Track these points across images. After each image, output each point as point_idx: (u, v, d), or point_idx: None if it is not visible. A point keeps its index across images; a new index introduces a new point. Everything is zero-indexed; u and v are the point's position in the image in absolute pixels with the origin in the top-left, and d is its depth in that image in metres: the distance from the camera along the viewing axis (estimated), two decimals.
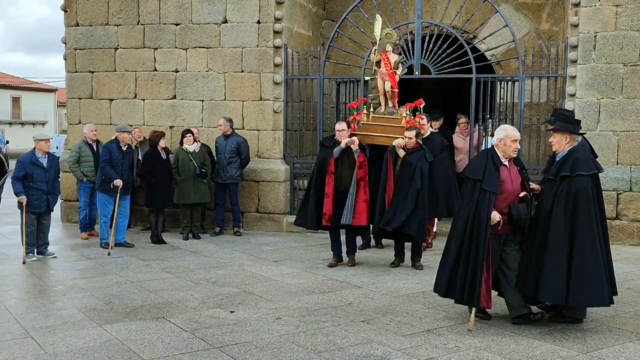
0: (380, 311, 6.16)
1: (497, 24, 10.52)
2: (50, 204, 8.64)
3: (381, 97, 8.53)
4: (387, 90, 8.39)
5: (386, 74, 8.31)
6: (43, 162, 8.49)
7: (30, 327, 5.65)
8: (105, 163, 9.15)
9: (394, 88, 8.33)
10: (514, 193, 5.65)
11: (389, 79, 8.32)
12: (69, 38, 11.64)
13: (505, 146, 5.64)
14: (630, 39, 9.44)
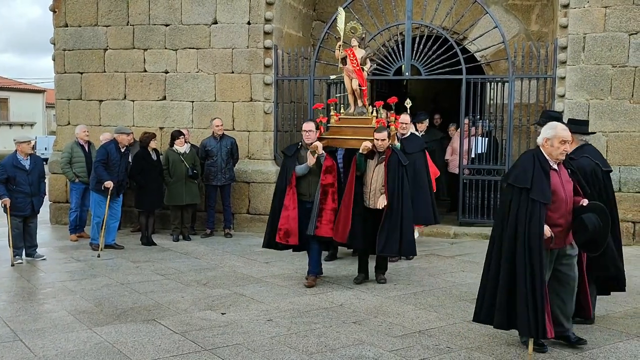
0: (372, 312, 6.16)
1: (487, 25, 10.56)
2: (35, 207, 8.52)
3: (349, 96, 7.85)
4: (355, 88, 7.68)
5: (353, 71, 7.59)
6: (25, 165, 8.38)
7: (19, 330, 5.61)
8: (100, 163, 9.08)
9: (362, 86, 7.65)
10: (567, 201, 4.92)
11: (356, 76, 7.60)
12: (58, 39, 11.57)
13: (552, 147, 4.89)
14: (619, 40, 9.49)
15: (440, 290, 7.04)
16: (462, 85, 10.25)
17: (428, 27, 10.45)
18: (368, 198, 7.13)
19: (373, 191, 7.09)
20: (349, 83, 7.70)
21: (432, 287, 7.15)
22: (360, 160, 7.11)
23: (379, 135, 7.04)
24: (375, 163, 7.15)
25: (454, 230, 10.34)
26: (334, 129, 7.66)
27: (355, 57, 7.55)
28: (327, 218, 7.05)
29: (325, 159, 7.20)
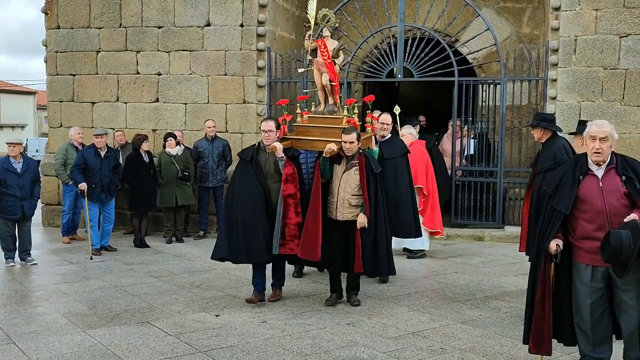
0: (365, 314, 6.18)
1: (479, 27, 10.62)
2: (26, 211, 8.35)
3: (319, 92, 6.96)
4: (325, 84, 6.83)
5: (323, 65, 6.75)
6: (17, 168, 8.25)
7: (12, 333, 5.59)
8: (75, 168, 9.06)
9: (333, 81, 6.79)
10: (606, 212, 4.14)
11: (326, 70, 6.76)
12: (50, 41, 11.54)
13: (587, 147, 4.26)
14: (609, 43, 9.56)
15: (433, 291, 7.07)
16: (454, 87, 10.30)
17: (420, 29, 10.50)
18: (334, 209, 6.29)
19: (340, 201, 6.26)
20: (319, 78, 6.87)
21: (425, 289, 7.18)
22: (325, 166, 6.31)
23: (346, 137, 6.21)
24: (342, 169, 6.30)
25: (447, 231, 10.33)
26: (300, 128, 6.85)
27: (326, 49, 6.73)
28: (291, 234, 6.24)
29: (285, 165, 6.31)
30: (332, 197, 6.34)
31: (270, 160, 6.40)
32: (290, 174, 6.31)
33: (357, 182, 6.24)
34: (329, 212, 6.32)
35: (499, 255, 9.01)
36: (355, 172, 6.25)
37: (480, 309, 6.36)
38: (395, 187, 7.14)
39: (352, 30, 11.00)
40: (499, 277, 7.72)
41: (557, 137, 6.62)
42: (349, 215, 6.26)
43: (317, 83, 6.90)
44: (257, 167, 6.40)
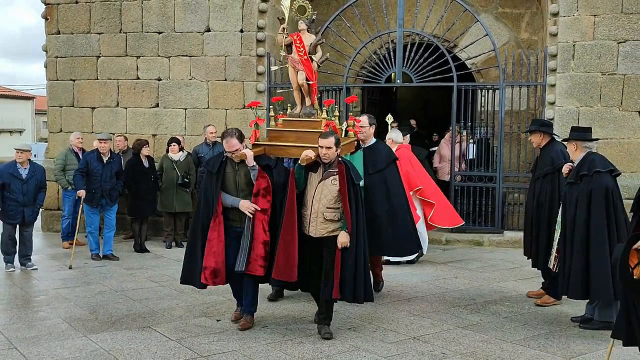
0: (366, 319, 6.19)
1: (477, 33, 10.67)
2: (26, 217, 8.34)
3: (295, 93, 6.30)
4: (302, 83, 6.15)
5: (299, 62, 6.10)
6: (22, 174, 8.29)
7: (14, 338, 5.60)
8: (77, 172, 9.03)
9: (310, 80, 6.12)
10: None
11: (302, 67, 6.09)
12: (50, 46, 11.57)
13: None
14: (607, 48, 9.61)
15: (434, 296, 7.09)
16: (453, 92, 10.34)
17: (419, 35, 10.55)
18: (307, 223, 5.57)
19: (314, 214, 5.53)
20: (294, 76, 6.20)
21: (425, 294, 7.20)
22: (300, 174, 5.59)
23: (323, 141, 5.50)
24: (318, 178, 5.56)
25: (446, 236, 10.39)
26: (274, 133, 6.19)
27: (302, 44, 6.06)
28: (258, 252, 5.59)
29: (258, 177, 5.64)
30: (305, 209, 5.60)
31: (241, 171, 5.71)
32: (264, 188, 5.63)
33: (333, 194, 5.50)
34: (302, 227, 5.60)
35: (498, 260, 9.04)
36: (332, 182, 5.51)
37: (481, 313, 6.38)
38: (388, 201, 6.51)
39: (351, 36, 11.05)
40: (498, 282, 7.74)
41: (555, 142, 6.70)
42: (323, 231, 5.52)
43: (293, 82, 6.27)
44: (226, 179, 5.73)
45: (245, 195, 5.67)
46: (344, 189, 5.48)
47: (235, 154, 5.62)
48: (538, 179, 6.66)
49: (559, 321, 6.10)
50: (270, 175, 5.72)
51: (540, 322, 6.09)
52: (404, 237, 6.62)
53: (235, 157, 5.63)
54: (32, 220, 8.54)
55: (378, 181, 6.57)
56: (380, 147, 6.89)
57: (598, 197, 5.60)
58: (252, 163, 5.65)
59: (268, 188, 5.65)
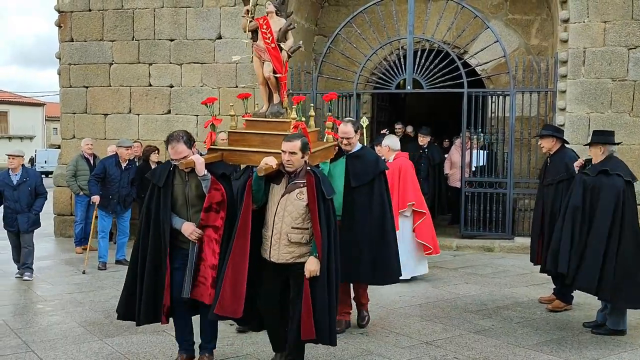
0: (378, 324, 6.22)
1: (488, 39, 10.71)
2: (20, 224, 8.13)
3: (261, 88, 5.33)
4: (268, 76, 5.18)
5: (265, 50, 5.14)
6: (12, 180, 8.14)
7: (31, 342, 5.67)
8: (93, 177, 9.02)
9: (278, 72, 5.16)
10: None
11: (269, 57, 5.14)
12: (64, 53, 11.70)
13: None
14: (618, 55, 9.63)
15: (445, 301, 7.11)
16: (464, 98, 10.38)
17: (429, 41, 10.59)
18: (268, 246, 4.62)
19: (276, 235, 4.57)
20: (259, 68, 5.25)
21: (436, 299, 7.22)
22: (259, 186, 4.60)
23: (287, 145, 4.53)
24: (281, 191, 4.62)
25: (456, 242, 10.42)
26: (234, 136, 5.24)
27: (269, 30, 5.10)
28: (204, 276, 4.74)
29: (210, 188, 4.70)
30: (266, 229, 4.64)
31: (192, 182, 4.77)
32: (217, 202, 4.71)
33: (300, 210, 4.55)
34: (262, 250, 4.67)
35: (509, 266, 9.05)
36: (298, 197, 4.56)
37: (493, 319, 6.40)
38: (371, 221, 5.59)
39: (362, 42, 11.11)
40: (510, 288, 7.75)
41: (567, 149, 6.69)
42: (287, 256, 4.57)
43: (258, 75, 5.29)
44: (174, 193, 4.81)
45: (196, 212, 4.74)
46: (313, 205, 4.50)
47: (182, 162, 4.68)
48: (550, 185, 6.63)
49: (571, 326, 6.11)
50: (227, 187, 4.78)
51: (552, 327, 6.11)
52: (385, 264, 5.67)
53: (181, 165, 4.68)
54: (26, 228, 8.23)
55: (361, 197, 5.59)
56: (367, 155, 5.80)
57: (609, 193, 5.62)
58: (204, 172, 4.69)
59: (222, 202, 4.70)
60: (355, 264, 5.54)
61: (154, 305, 4.77)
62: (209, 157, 4.93)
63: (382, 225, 5.66)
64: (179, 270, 4.77)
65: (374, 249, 5.60)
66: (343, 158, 5.69)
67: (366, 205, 5.62)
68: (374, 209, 5.63)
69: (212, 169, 4.78)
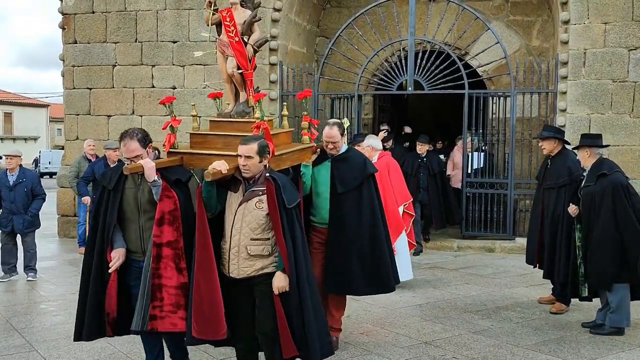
0: (378, 323, 6.28)
1: (489, 40, 10.76)
2: (15, 226, 8.10)
3: (227, 86, 4.98)
4: (232, 73, 4.81)
5: (229, 45, 4.78)
6: (9, 181, 8.14)
7: (34, 341, 5.74)
8: (82, 180, 9.17)
9: (243, 68, 4.76)
10: None
11: (233, 52, 4.76)
12: (67, 55, 11.78)
13: None
14: (618, 56, 9.66)
15: (445, 302, 7.16)
16: (465, 100, 10.42)
17: (430, 42, 10.64)
18: (226, 260, 4.23)
19: (234, 248, 4.19)
20: (223, 63, 4.87)
21: (436, 299, 7.26)
22: (210, 194, 4.20)
23: (242, 149, 4.17)
24: (238, 200, 4.23)
25: (458, 243, 10.46)
26: (197, 138, 4.81)
27: (233, 22, 4.71)
28: (172, 301, 4.22)
29: (162, 196, 4.24)
30: (224, 241, 4.25)
31: (145, 187, 4.35)
32: (169, 211, 4.24)
33: (259, 220, 4.16)
34: (220, 264, 4.26)
35: (509, 267, 9.08)
36: (257, 206, 4.17)
37: (492, 319, 6.44)
38: (361, 229, 5.19)
39: (363, 44, 11.16)
40: (510, 288, 7.79)
41: (568, 151, 6.70)
42: (247, 270, 4.18)
43: (222, 72, 4.91)
44: (125, 198, 4.38)
45: (149, 219, 4.30)
46: (274, 215, 4.11)
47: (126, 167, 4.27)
48: (552, 189, 6.61)
49: (570, 327, 6.16)
50: (181, 194, 4.34)
51: (551, 327, 6.15)
52: (379, 273, 5.25)
53: (125, 169, 4.26)
54: (22, 229, 8.20)
55: (350, 203, 5.18)
56: (354, 158, 5.39)
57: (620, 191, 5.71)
58: (153, 177, 4.24)
59: (175, 212, 4.25)
60: (347, 274, 5.16)
61: (99, 317, 4.32)
62: (164, 161, 4.51)
63: (374, 232, 5.23)
64: (135, 288, 4.33)
65: (367, 258, 5.19)
66: (328, 162, 5.25)
67: (355, 212, 5.18)
68: (364, 215, 5.20)
69: (166, 174, 4.36)
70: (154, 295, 4.20)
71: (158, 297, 4.21)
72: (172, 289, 4.23)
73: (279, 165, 4.61)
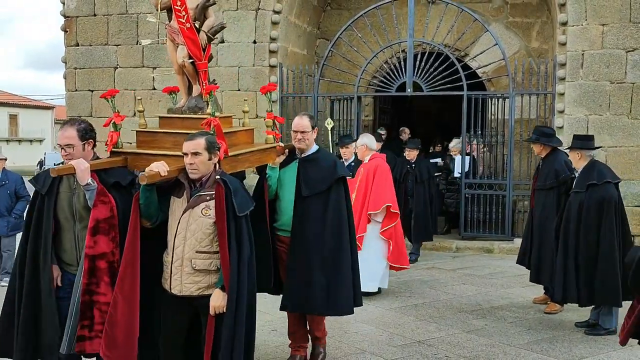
0: (373, 323, 6.33)
1: (488, 42, 10.80)
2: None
3: (178, 78, 4.52)
4: (183, 63, 4.35)
5: (179, 32, 4.28)
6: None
7: None
8: None
9: (196, 59, 4.32)
10: None
11: (183, 40, 4.29)
12: (69, 57, 11.88)
13: None
14: (616, 57, 9.69)
15: (441, 302, 7.21)
16: (464, 101, 10.47)
17: (430, 44, 10.69)
18: (169, 275, 3.79)
19: (177, 262, 3.75)
20: (173, 52, 4.41)
21: (432, 299, 7.31)
22: (146, 200, 3.75)
23: (188, 145, 3.74)
24: (182, 206, 3.79)
25: (456, 244, 10.50)
26: (143, 137, 4.34)
27: (184, 7, 4.20)
28: (102, 320, 3.77)
29: (96, 201, 3.77)
30: (166, 253, 3.83)
31: (80, 191, 3.88)
32: (105, 219, 3.77)
33: (206, 230, 3.72)
34: (162, 279, 3.85)
35: (507, 267, 9.11)
36: (204, 213, 3.72)
37: (486, 318, 6.49)
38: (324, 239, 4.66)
39: (363, 46, 11.22)
40: (506, 289, 7.84)
41: (558, 152, 6.74)
42: (192, 288, 3.74)
43: (172, 62, 4.44)
44: (59, 203, 3.92)
45: (85, 227, 3.83)
46: (221, 224, 3.65)
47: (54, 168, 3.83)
48: (541, 190, 6.69)
49: (563, 326, 6.20)
50: (120, 199, 3.85)
51: (544, 327, 6.20)
52: (341, 291, 4.72)
53: (52, 171, 3.79)
54: (7, 232, 8.15)
55: (314, 209, 4.67)
56: (323, 159, 4.88)
57: (609, 207, 5.72)
58: (87, 180, 3.76)
59: (112, 219, 3.79)
60: (306, 290, 4.63)
61: (35, 337, 3.86)
62: (102, 161, 4.04)
63: (338, 243, 4.69)
64: (65, 301, 3.87)
65: (328, 272, 4.65)
66: (295, 162, 4.81)
67: (319, 219, 4.65)
68: (328, 223, 4.66)
69: (105, 176, 3.89)
70: (84, 314, 3.76)
71: (88, 315, 3.76)
72: (104, 306, 3.75)
73: (234, 167, 4.20)
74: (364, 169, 7.11)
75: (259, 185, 4.75)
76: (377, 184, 6.97)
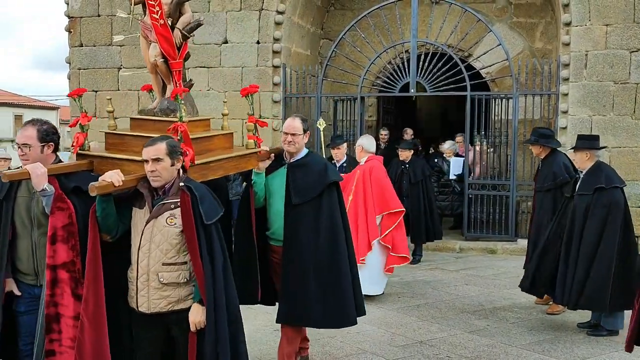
0: (375, 323, 6.33)
1: (492, 42, 10.78)
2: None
3: (152, 77, 4.27)
4: (155, 61, 4.08)
5: (152, 28, 4.00)
6: None
7: None
8: None
9: (169, 57, 4.04)
10: None
11: (156, 38, 4.01)
12: (73, 58, 11.92)
13: None
14: (620, 58, 9.66)
15: (443, 302, 7.20)
16: (467, 101, 10.46)
17: (433, 44, 10.69)
18: (135, 292, 3.51)
19: (143, 277, 3.48)
20: (146, 50, 4.14)
21: (435, 300, 7.31)
22: (103, 211, 3.44)
23: (148, 151, 3.49)
24: (144, 216, 3.52)
25: (460, 244, 10.49)
26: (112, 139, 4.12)
27: (158, 2, 3.92)
28: (69, 334, 3.51)
29: (53, 208, 3.50)
30: (131, 269, 3.56)
31: (40, 197, 3.61)
32: (63, 226, 3.50)
33: (172, 241, 3.48)
34: (129, 297, 3.57)
35: (510, 268, 9.09)
36: (169, 222, 3.47)
37: (489, 319, 6.49)
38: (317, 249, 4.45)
39: (366, 46, 11.22)
40: (509, 289, 7.82)
41: (557, 154, 6.72)
42: (160, 303, 3.48)
43: (146, 61, 4.17)
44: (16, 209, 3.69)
45: (43, 233, 3.57)
46: (190, 233, 3.40)
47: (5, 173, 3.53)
48: (540, 192, 6.69)
49: (565, 327, 6.19)
50: (80, 205, 3.54)
51: (546, 327, 6.19)
52: (339, 302, 4.53)
53: (4, 176, 3.51)
54: None
55: (306, 217, 4.46)
56: (314, 164, 4.63)
57: (617, 212, 5.66)
58: (43, 185, 3.49)
59: (70, 227, 3.51)
60: (302, 302, 4.43)
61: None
62: (64, 165, 3.77)
63: (333, 251, 4.48)
64: (26, 315, 3.68)
65: (324, 283, 4.44)
66: (283, 168, 4.57)
67: (312, 228, 4.44)
68: (322, 231, 4.46)
69: (65, 181, 3.60)
70: (51, 328, 3.50)
71: (55, 329, 3.50)
72: (70, 320, 3.49)
73: (205, 176, 3.85)
74: (359, 170, 7.03)
75: (246, 193, 4.54)
76: (377, 186, 6.89)
